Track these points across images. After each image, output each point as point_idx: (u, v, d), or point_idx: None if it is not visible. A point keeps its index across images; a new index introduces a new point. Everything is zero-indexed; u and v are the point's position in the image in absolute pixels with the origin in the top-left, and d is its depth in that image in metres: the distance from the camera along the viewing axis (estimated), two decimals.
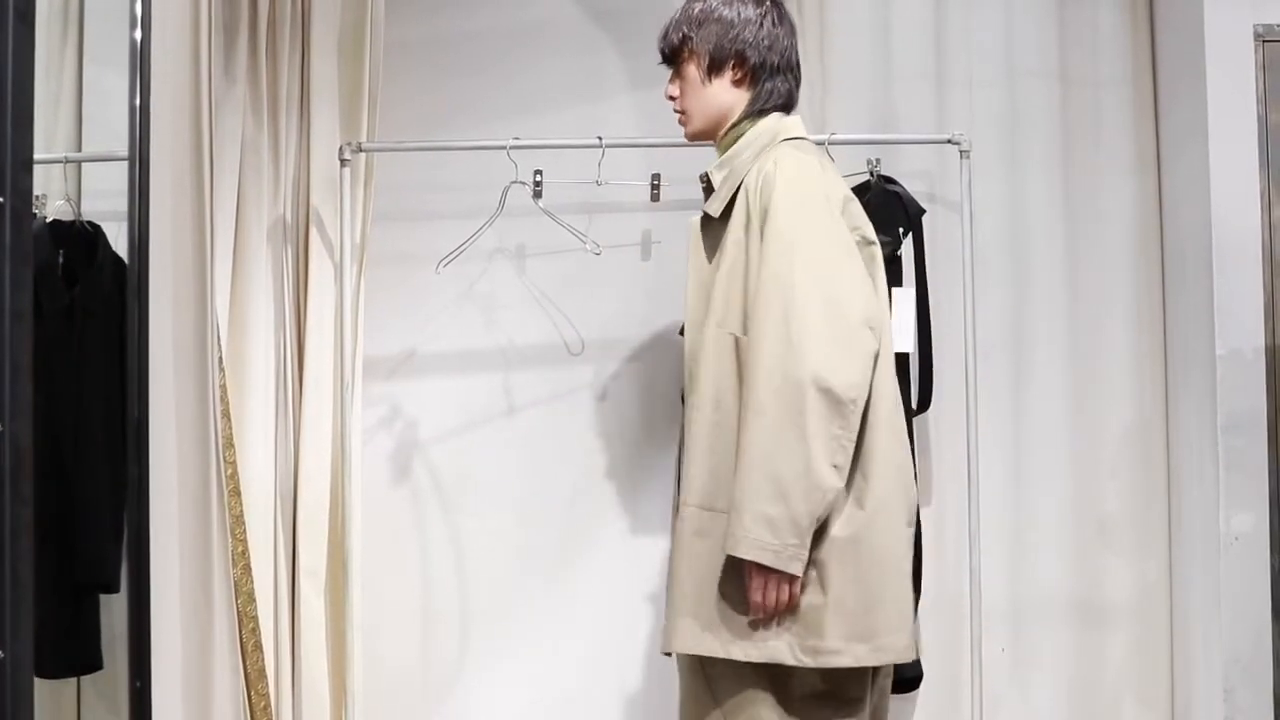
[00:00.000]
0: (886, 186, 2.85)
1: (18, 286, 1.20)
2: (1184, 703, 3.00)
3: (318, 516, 2.78)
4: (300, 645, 2.73)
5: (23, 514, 1.19)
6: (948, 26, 3.14)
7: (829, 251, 1.99)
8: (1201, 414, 2.86)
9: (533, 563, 3.06)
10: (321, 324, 2.81)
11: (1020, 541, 3.08)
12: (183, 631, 2.06)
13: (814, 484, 1.90)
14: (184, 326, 2.10)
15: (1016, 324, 3.11)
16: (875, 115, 3.11)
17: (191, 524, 2.10)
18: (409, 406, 3.12)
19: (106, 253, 2.29)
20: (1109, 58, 3.13)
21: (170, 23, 2.05)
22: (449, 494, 3.11)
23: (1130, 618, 3.07)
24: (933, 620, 2.98)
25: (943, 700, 3.02)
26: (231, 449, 2.54)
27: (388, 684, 3.04)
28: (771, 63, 2.17)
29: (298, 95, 2.82)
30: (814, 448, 1.89)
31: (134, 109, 1.95)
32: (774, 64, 2.17)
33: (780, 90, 2.20)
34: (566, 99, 3.12)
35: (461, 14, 3.15)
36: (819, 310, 1.93)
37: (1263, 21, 2.81)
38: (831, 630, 1.95)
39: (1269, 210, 2.79)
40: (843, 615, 1.95)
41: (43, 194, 2.24)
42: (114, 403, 2.03)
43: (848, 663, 1.96)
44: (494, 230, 2.90)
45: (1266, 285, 2.78)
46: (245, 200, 2.70)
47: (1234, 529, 2.76)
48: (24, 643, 1.18)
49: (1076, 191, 3.12)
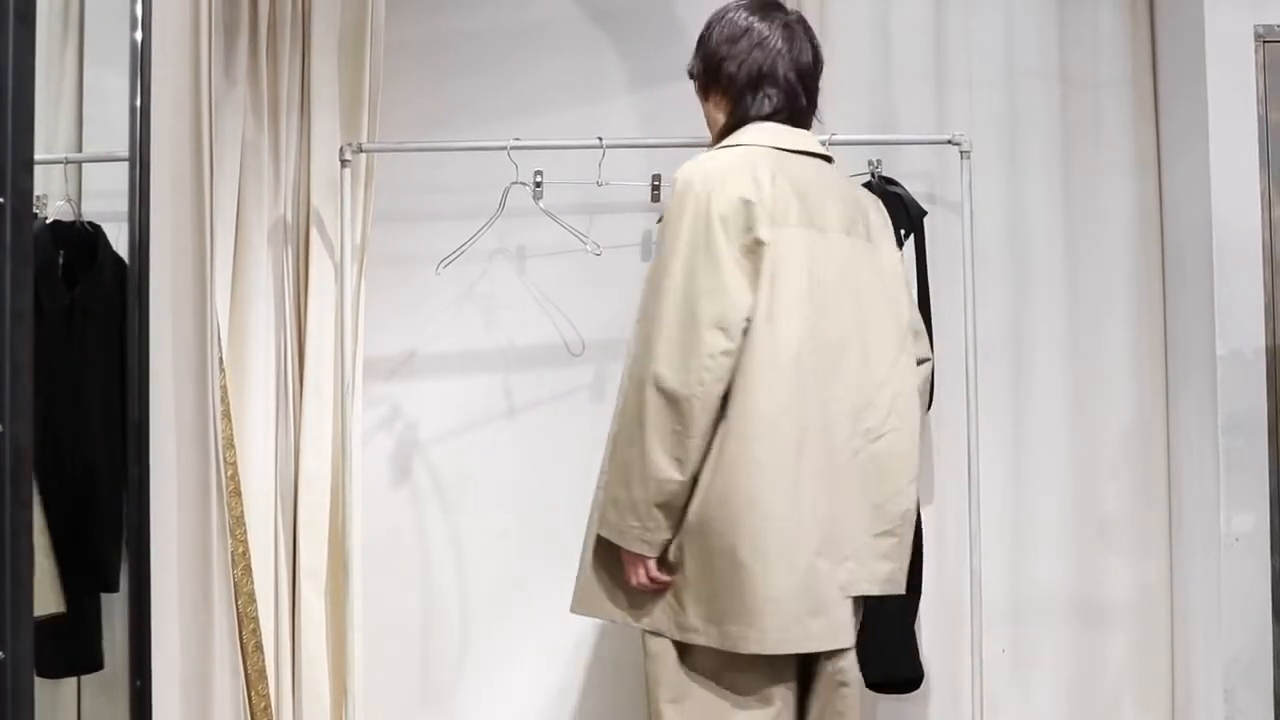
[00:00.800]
0: (888, 188, 2.85)
1: (18, 287, 1.20)
2: (1184, 703, 3.00)
3: (318, 517, 2.78)
4: (300, 646, 2.73)
5: (22, 514, 1.20)
6: (948, 27, 3.15)
7: (691, 259, 2.08)
8: (1202, 414, 2.86)
9: (533, 563, 3.06)
10: (322, 324, 2.82)
11: (1020, 541, 3.08)
12: (182, 631, 2.06)
13: (650, 473, 2.06)
14: (184, 327, 2.10)
15: (1016, 324, 3.11)
16: (875, 115, 3.11)
17: (191, 524, 2.10)
18: (409, 407, 3.12)
19: (107, 253, 2.29)
20: (1109, 58, 3.13)
21: (170, 23, 2.05)
22: (449, 494, 3.11)
23: (1130, 618, 3.07)
24: (933, 620, 2.98)
25: (943, 700, 3.02)
26: (232, 449, 2.54)
27: (388, 684, 3.04)
28: (747, 77, 2.23)
29: (298, 96, 2.82)
30: (651, 440, 2.05)
31: (134, 110, 1.95)
32: (751, 77, 2.23)
33: (764, 102, 2.23)
34: (567, 99, 3.12)
35: (461, 14, 3.15)
36: (670, 314, 2.07)
37: (1263, 22, 2.81)
38: (691, 609, 2.09)
39: (1269, 210, 2.79)
40: (696, 597, 2.09)
41: (43, 194, 2.24)
42: (114, 403, 2.03)
43: (703, 642, 2.09)
44: (494, 231, 2.91)
45: (1267, 285, 2.78)
46: (246, 201, 2.71)
47: (1234, 529, 2.76)
48: (24, 643, 1.18)
49: (1077, 192, 3.12)
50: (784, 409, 2.08)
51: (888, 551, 2.16)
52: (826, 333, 2.13)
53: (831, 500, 2.10)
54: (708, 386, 2.04)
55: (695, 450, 2.05)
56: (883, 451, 2.16)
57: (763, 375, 2.06)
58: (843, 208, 2.23)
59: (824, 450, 2.11)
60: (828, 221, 2.19)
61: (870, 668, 2.78)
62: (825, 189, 2.22)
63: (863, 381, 2.16)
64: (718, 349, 2.04)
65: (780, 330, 2.08)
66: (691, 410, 2.04)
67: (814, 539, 2.08)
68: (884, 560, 2.16)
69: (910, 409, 2.21)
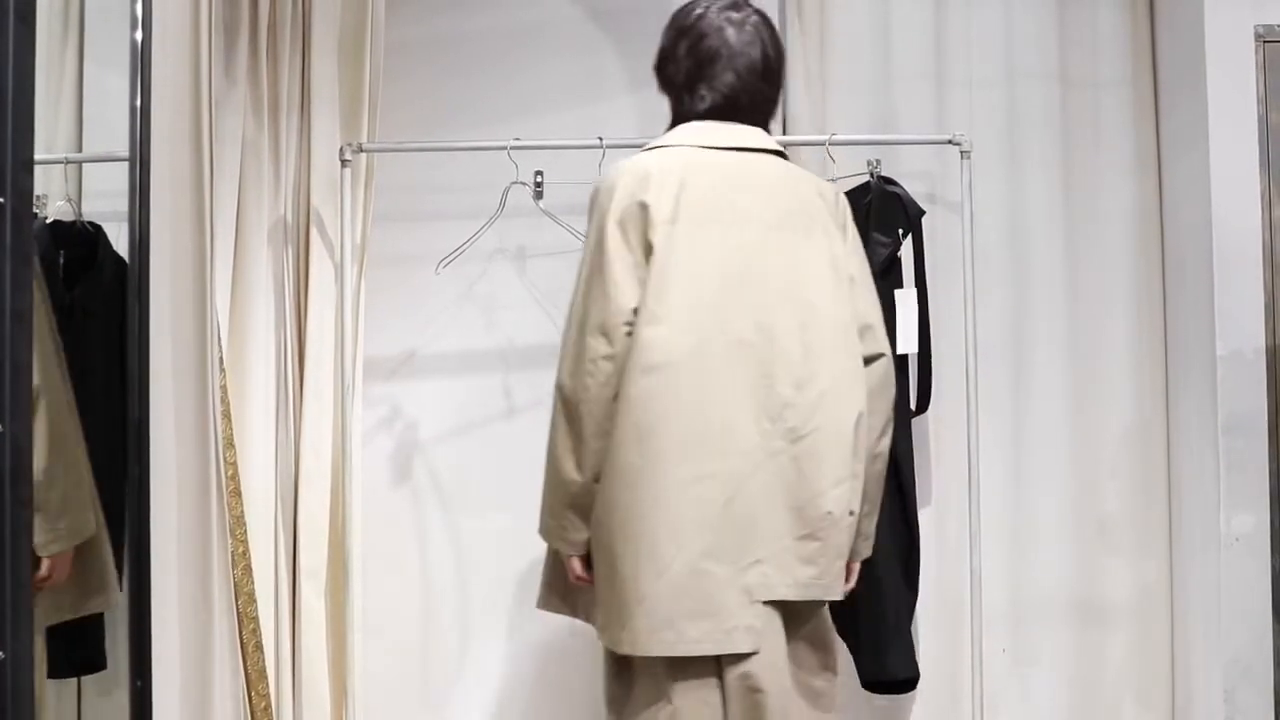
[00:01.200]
0: (886, 187, 2.85)
1: (18, 287, 1.20)
2: (1184, 703, 3.00)
3: (318, 517, 2.78)
4: (300, 646, 2.73)
5: (22, 514, 1.19)
6: (948, 27, 3.15)
7: (590, 264, 2.13)
8: (1202, 414, 2.86)
9: (532, 563, 3.05)
10: (322, 325, 2.82)
11: (1020, 541, 3.08)
12: (182, 631, 2.06)
13: (555, 475, 2.15)
14: (184, 327, 2.10)
15: (1016, 324, 3.11)
16: (875, 115, 3.11)
17: (191, 524, 2.10)
18: (409, 407, 3.12)
19: (107, 253, 2.29)
20: (1109, 58, 3.13)
21: (170, 23, 2.05)
22: (449, 494, 3.11)
23: (1130, 618, 3.07)
24: (933, 620, 2.98)
25: (942, 700, 3.02)
26: (232, 449, 2.54)
27: (388, 684, 3.04)
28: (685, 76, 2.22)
29: (298, 96, 2.83)
30: (557, 443, 2.14)
31: (134, 110, 1.95)
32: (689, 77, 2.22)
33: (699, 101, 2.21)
34: (567, 100, 3.12)
35: (462, 15, 3.16)
36: (571, 320, 2.14)
37: (1263, 22, 2.81)
38: (599, 610, 2.15)
39: (1269, 210, 2.79)
40: (600, 598, 2.15)
41: (43, 194, 2.24)
42: (114, 403, 2.03)
43: (606, 642, 2.13)
44: (494, 231, 2.91)
45: (1267, 286, 2.78)
46: (246, 201, 2.71)
47: (1234, 529, 2.76)
48: (24, 643, 1.18)
49: (1077, 192, 3.12)
50: (661, 413, 2.05)
51: (811, 555, 2.07)
52: (732, 333, 2.08)
53: (737, 503, 2.05)
54: (592, 391, 2.07)
55: (591, 453, 2.09)
56: (804, 453, 2.07)
57: (641, 379, 2.05)
58: (774, 202, 2.16)
59: (723, 452, 2.05)
60: (746, 218, 2.13)
61: (867, 668, 2.80)
62: (749, 185, 2.16)
63: (782, 380, 2.08)
64: (599, 353, 2.07)
65: (662, 333, 2.05)
66: (579, 414, 2.09)
67: (699, 542, 2.03)
68: (807, 564, 2.08)
69: (841, 406, 2.10)
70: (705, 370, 2.07)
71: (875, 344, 2.20)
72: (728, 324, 2.08)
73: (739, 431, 2.07)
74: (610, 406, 2.07)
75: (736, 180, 2.16)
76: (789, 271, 2.14)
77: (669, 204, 2.10)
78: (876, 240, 2.80)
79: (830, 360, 2.11)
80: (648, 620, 2.04)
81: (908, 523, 2.81)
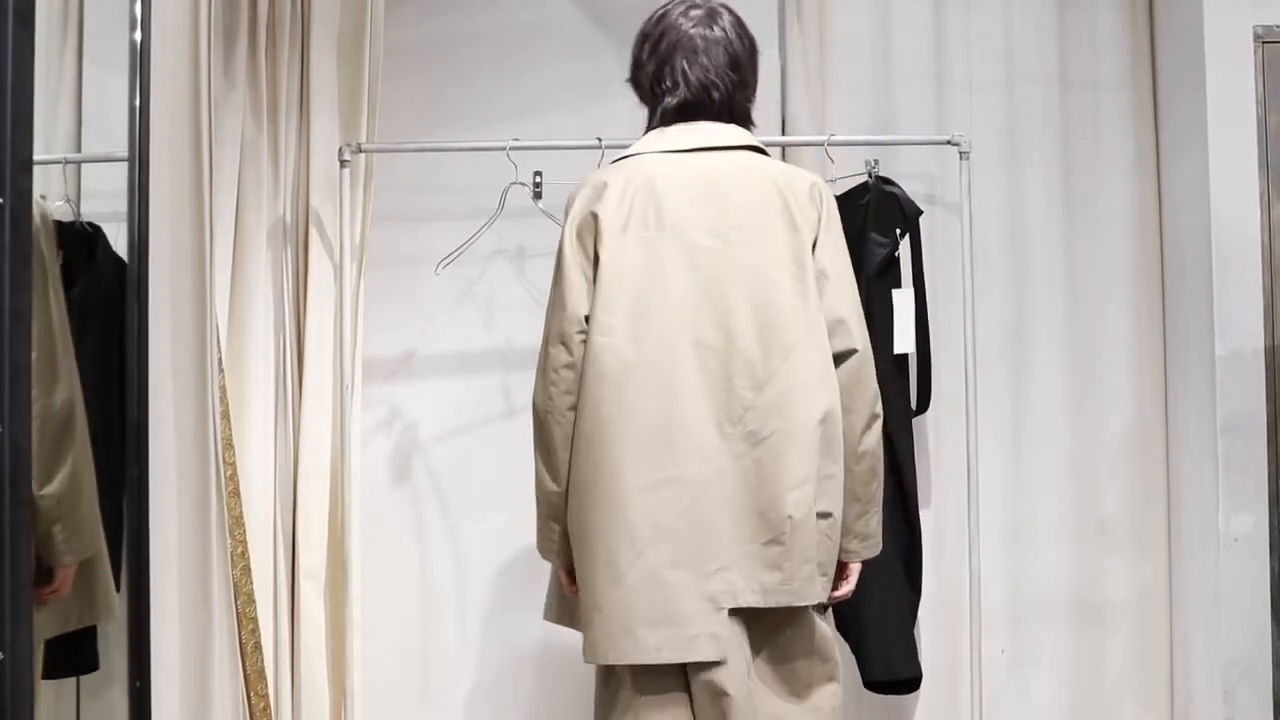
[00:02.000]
0: (884, 188, 2.85)
1: (18, 286, 1.20)
2: (1184, 703, 3.00)
3: (317, 517, 2.78)
4: (300, 646, 2.73)
5: (22, 514, 1.19)
6: (948, 28, 3.15)
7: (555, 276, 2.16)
8: (1201, 415, 2.86)
9: (532, 563, 3.05)
10: (321, 325, 2.82)
11: (1020, 542, 3.08)
12: (182, 631, 2.06)
13: (538, 487, 2.17)
14: (184, 327, 2.10)
15: (1016, 324, 3.11)
16: (875, 116, 3.11)
17: (191, 524, 2.10)
18: (409, 407, 3.12)
19: (106, 253, 2.28)
20: (1108, 59, 3.14)
21: (170, 24, 2.05)
22: (449, 495, 3.11)
23: (1130, 618, 3.08)
24: (932, 620, 2.98)
25: (942, 700, 3.02)
26: (231, 450, 2.53)
27: (388, 684, 3.04)
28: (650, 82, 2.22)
29: (297, 96, 2.82)
30: (536, 455, 2.16)
31: (134, 110, 1.95)
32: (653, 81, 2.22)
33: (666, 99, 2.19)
34: (566, 100, 3.12)
35: (461, 15, 3.16)
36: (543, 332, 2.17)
37: (1262, 23, 2.81)
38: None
39: (1268, 212, 2.79)
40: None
41: (43, 195, 2.23)
42: (114, 403, 2.03)
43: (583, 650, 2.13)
44: (494, 231, 2.91)
45: (1266, 286, 2.78)
46: (245, 201, 2.71)
47: (1234, 530, 2.76)
48: (24, 643, 1.18)
49: (1076, 193, 3.12)
50: (611, 421, 2.05)
51: (775, 560, 2.02)
52: (691, 337, 2.06)
53: (699, 509, 2.03)
54: (554, 400, 2.11)
55: (560, 463, 2.12)
56: (765, 455, 2.03)
57: (592, 388, 2.07)
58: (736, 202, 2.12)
59: (683, 458, 2.03)
60: (704, 221, 2.10)
61: (869, 668, 2.80)
62: (710, 186, 2.12)
63: (741, 382, 2.05)
64: (560, 362, 2.11)
65: (611, 342, 2.06)
66: (547, 424, 2.12)
67: (659, 549, 2.02)
68: (772, 570, 2.03)
69: (802, 407, 2.04)
70: (661, 377, 2.05)
71: (847, 339, 2.11)
72: (686, 329, 2.06)
73: (699, 436, 2.04)
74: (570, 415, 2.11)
75: (697, 183, 2.13)
76: (750, 272, 2.09)
77: (621, 214, 2.10)
78: (874, 240, 2.81)
79: (793, 359, 2.06)
80: (605, 627, 2.05)
81: (909, 522, 2.81)
